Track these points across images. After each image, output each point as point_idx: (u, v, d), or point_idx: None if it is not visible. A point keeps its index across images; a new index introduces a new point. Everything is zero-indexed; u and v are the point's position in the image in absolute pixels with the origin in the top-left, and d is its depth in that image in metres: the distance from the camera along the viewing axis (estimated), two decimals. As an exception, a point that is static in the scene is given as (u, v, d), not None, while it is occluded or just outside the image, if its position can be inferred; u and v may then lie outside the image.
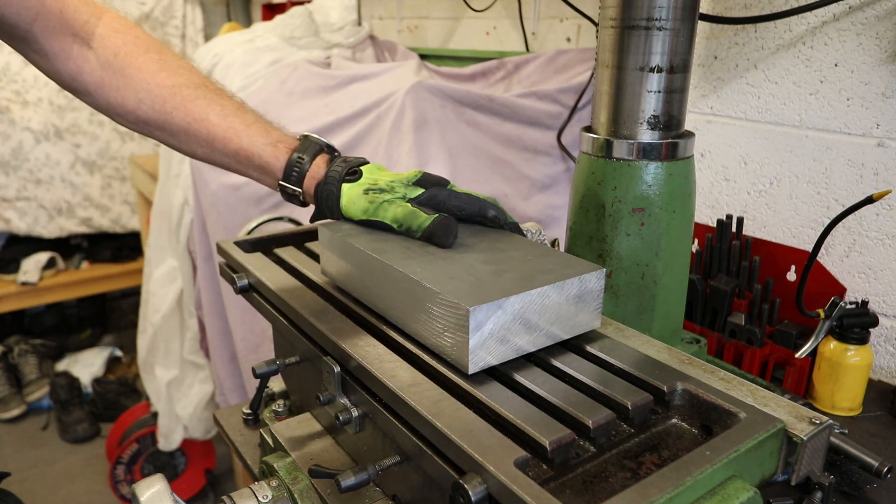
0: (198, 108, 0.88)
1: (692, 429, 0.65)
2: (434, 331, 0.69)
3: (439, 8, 2.35)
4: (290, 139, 0.89)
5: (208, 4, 3.75)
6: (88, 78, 0.89)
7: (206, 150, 0.90)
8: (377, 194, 0.82)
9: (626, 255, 0.95)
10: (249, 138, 0.87)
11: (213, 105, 0.88)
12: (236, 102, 0.91)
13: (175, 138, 0.90)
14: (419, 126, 1.58)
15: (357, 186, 0.83)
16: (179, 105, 0.87)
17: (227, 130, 0.87)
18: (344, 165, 0.85)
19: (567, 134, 1.69)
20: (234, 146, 0.88)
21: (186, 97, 0.88)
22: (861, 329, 1.08)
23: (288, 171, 0.86)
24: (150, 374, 2.38)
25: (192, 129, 0.88)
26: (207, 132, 0.88)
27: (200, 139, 0.89)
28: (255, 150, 0.87)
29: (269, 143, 0.87)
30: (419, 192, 0.83)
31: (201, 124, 0.87)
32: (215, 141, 0.88)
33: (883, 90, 1.17)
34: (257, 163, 0.88)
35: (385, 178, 0.84)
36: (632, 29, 0.87)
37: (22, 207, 3.38)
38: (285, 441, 0.85)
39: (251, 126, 0.88)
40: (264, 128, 0.89)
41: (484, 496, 0.52)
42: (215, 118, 0.87)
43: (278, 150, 0.87)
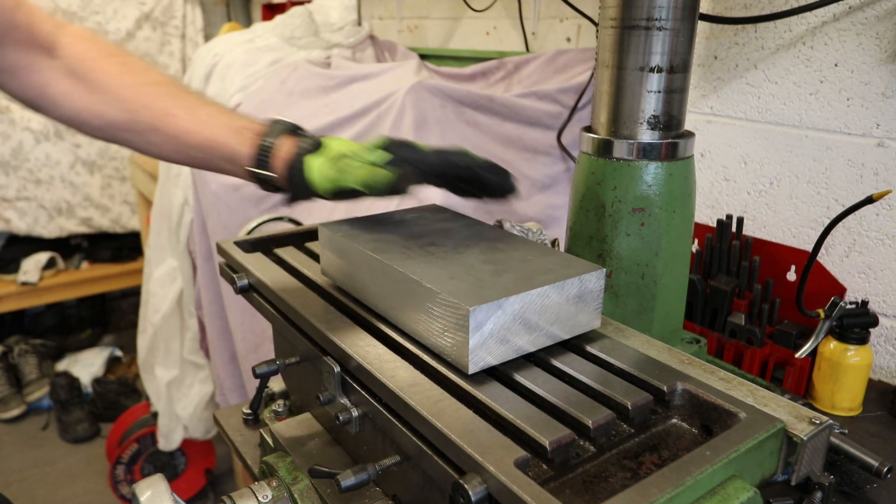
0: (163, 103, 0.88)
1: (692, 429, 0.65)
2: (434, 331, 0.69)
3: (439, 8, 2.35)
4: (255, 125, 0.89)
5: (208, 4, 3.75)
6: (56, 88, 0.89)
7: (174, 146, 0.89)
8: (343, 160, 0.81)
9: (626, 255, 0.95)
10: (215, 128, 0.87)
11: (177, 100, 0.88)
12: (200, 97, 0.91)
13: (143, 137, 0.90)
14: (419, 126, 1.58)
15: (322, 156, 0.83)
16: (145, 103, 0.88)
17: (193, 123, 0.87)
18: (310, 141, 0.85)
19: (567, 134, 1.69)
20: (200, 138, 0.87)
21: (151, 94, 0.88)
22: (861, 329, 1.08)
23: (257, 157, 0.86)
24: (150, 374, 2.38)
25: (159, 124, 0.88)
26: (174, 127, 0.88)
27: (168, 135, 0.88)
28: (221, 140, 0.87)
29: (234, 130, 0.87)
30: (387, 157, 0.81)
31: (167, 119, 0.88)
32: (182, 135, 0.88)
33: (883, 90, 1.17)
34: (225, 152, 0.88)
35: (350, 145, 0.84)
36: (632, 29, 0.87)
37: (22, 207, 3.38)
38: (285, 441, 0.85)
39: (216, 116, 0.88)
40: (229, 117, 0.89)
41: (484, 496, 0.52)
42: (181, 112, 0.88)
43: (244, 137, 0.87)
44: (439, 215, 0.92)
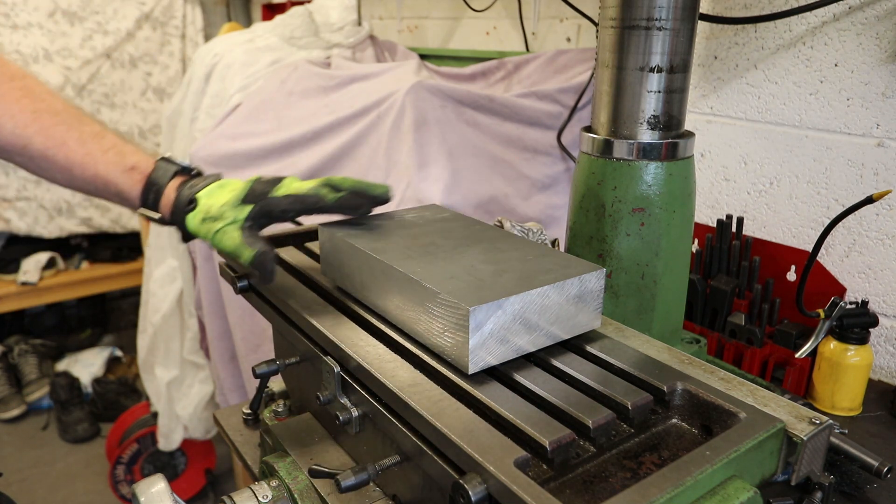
0: (58, 133, 0.89)
1: (692, 429, 0.65)
2: (434, 331, 0.69)
3: (439, 8, 2.35)
4: (146, 164, 0.90)
5: (208, 4, 3.75)
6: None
7: (65, 175, 0.91)
8: (211, 223, 0.84)
9: (626, 255, 0.95)
10: (105, 165, 0.89)
11: (72, 131, 0.89)
12: (97, 128, 0.92)
13: (34, 163, 0.91)
14: (419, 126, 1.58)
15: (196, 216, 0.86)
16: (40, 130, 0.89)
17: (85, 156, 0.89)
18: (188, 193, 0.87)
19: (567, 134, 1.69)
20: (90, 172, 0.89)
21: (47, 122, 0.89)
22: (861, 329, 1.08)
23: (144, 197, 0.89)
24: (150, 374, 2.38)
25: (50, 154, 0.89)
26: (66, 158, 0.89)
27: (59, 165, 0.90)
28: (111, 178, 0.89)
29: (124, 170, 0.89)
30: (248, 209, 0.84)
31: (60, 149, 0.89)
32: (73, 167, 0.89)
33: (883, 90, 1.17)
34: (114, 190, 0.90)
35: (218, 202, 0.85)
36: (632, 29, 0.87)
37: (22, 207, 3.38)
38: (285, 441, 0.85)
39: (108, 152, 0.89)
40: (120, 154, 0.90)
41: (484, 496, 0.52)
42: (73, 144, 0.89)
43: (133, 178, 0.89)
44: (439, 215, 0.92)
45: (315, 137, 1.72)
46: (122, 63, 3.44)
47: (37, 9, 3.17)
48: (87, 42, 3.31)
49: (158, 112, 3.57)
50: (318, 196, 0.84)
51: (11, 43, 3.15)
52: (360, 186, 0.86)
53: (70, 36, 3.25)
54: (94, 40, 3.32)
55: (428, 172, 1.53)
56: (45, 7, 3.18)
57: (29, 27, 3.17)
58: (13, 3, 3.13)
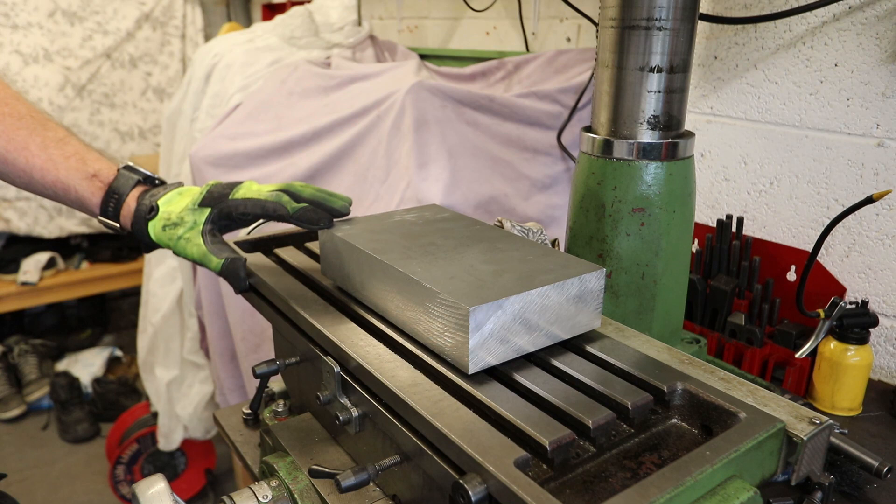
0: (19, 137, 0.89)
1: (692, 429, 0.65)
2: (434, 331, 0.69)
3: (439, 8, 2.35)
4: (107, 172, 0.90)
5: (208, 4, 3.75)
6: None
7: (25, 180, 0.91)
8: (172, 230, 0.85)
9: (626, 255, 0.95)
10: (66, 171, 0.89)
11: (34, 136, 0.89)
12: (61, 133, 0.91)
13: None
14: (419, 126, 1.58)
15: (157, 223, 0.86)
16: (1, 133, 0.88)
17: (46, 161, 0.88)
18: (149, 201, 0.87)
19: (567, 134, 1.69)
20: (51, 178, 0.89)
21: (9, 126, 0.89)
22: (861, 329, 1.08)
23: (104, 206, 0.88)
24: (150, 374, 2.38)
25: (10, 157, 0.89)
26: (26, 162, 0.89)
27: (19, 169, 0.89)
28: (72, 184, 0.89)
29: (84, 177, 0.89)
30: (206, 213, 0.85)
31: (20, 153, 0.88)
32: (34, 171, 0.89)
33: (883, 90, 1.17)
34: (74, 196, 0.89)
35: (178, 208, 0.86)
36: (632, 29, 0.87)
37: (22, 207, 3.38)
38: (285, 441, 0.85)
39: (70, 158, 0.89)
40: (82, 160, 0.90)
41: (484, 496, 0.52)
42: (35, 148, 0.88)
43: (93, 186, 0.89)
44: (439, 215, 0.92)
45: (315, 137, 1.72)
46: (122, 63, 3.44)
47: (37, 9, 3.17)
48: (87, 42, 3.31)
49: (158, 112, 3.58)
50: (278, 203, 0.84)
51: (11, 43, 3.15)
52: (320, 197, 0.85)
53: (70, 36, 3.26)
54: (94, 40, 3.32)
55: (428, 172, 1.53)
56: (45, 7, 3.18)
57: (29, 27, 3.17)
58: (13, 3, 3.13)
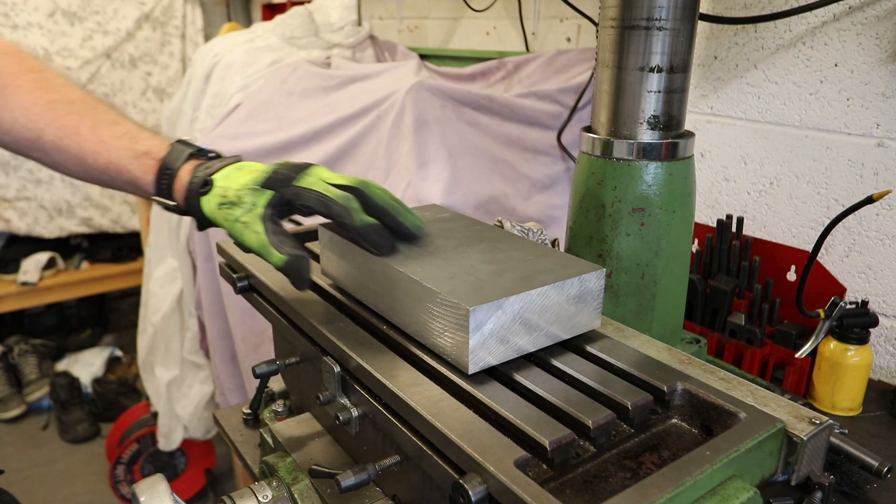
0: (70, 122, 0.85)
1: (692, 429, 0.65)
2: (434, 331, 0.69)
3: (439, 8, 2.35)
4: (159, 148, 0.85)
5: (208, 4, 3.75)
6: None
7: (80, 167, 0.87)
8: (229, 210, 0.76)
9: (626, 255, 0.95)
10: (118, 151, 0.84)
11: (85, 119, 0.85)
12: (113, 115, 0.88)
13: (49, 157, 0.88)
14: (419, 126, 1.58)
15: (212, 200, 0.78)
16: (52, 121, 0.85)
17: (97, 144, 0.85)
18: (203, 174, 0.80)
19: (567, 134, 1.69)
20: (103, 161, 0.85)
21: (60, 112, 0.85)
22: (861, 329, 1.08)
23: (158, 183, 0.83)
24: (150, 374, 2.38)
25: (63, 144, 0.85)
26: (78, 147, 0.85)
27: (72, 155, 0.86)
28: (124, 164, 0.84)
29: (135, 155, 0.84)
30: (267, 195, 0.76)
31: (72, 139, 0.85)
32: (86, 156, 0.85)
33: (883, 90, 1.17)
34: (127, 177, 0.85)
35: (236, 185, 0.77)
36: (632, 29, 0.87)
37: (22, 207, 3.38)
38: (285, 441, 0.85)
39: (121, 138, 0.85)
40: (133, 139, 0.85)
41: (484, 496, 0.52)
42: (85, 132, 0.85)
43: (145, 164, 0.84)
44: (439, 215, 0.92)
45: (315, 137, 1.72)
46: (122, 63, 3.44)
47: (37, 9, 3.17)
48: (87, 42, 3.31)
49: (158, 112, 3.57)
50: (346, 210, 0.73)
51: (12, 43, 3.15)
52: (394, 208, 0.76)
53: (70, 36, 3.26)
54: (94, 40, 3.32)
55: (428, 172, 1.53)
56: (45, 7, 3.18)
57: (29, 27, 3.17)
58: (13, 3, 3.13)
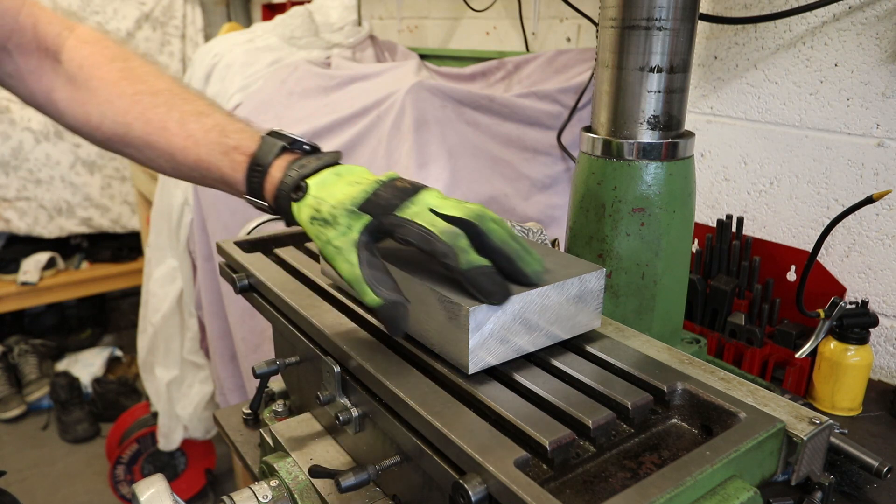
0: (157, 116, 0.79)
1: (692, 429, 0.65)
2: (434, 331, 0.69)
3: (439, 8, 2.35)
4: (248, 142, 0.77)
5: (208, 4, 3.75)
6: (59, 95, 0.83)
7: (170, 163, 0.81)
8: (321, 228, 0.69)
9: (626, 255, 0.95)
10: (207, 147, 0.78)
11: (172, 111, 0.79)
12: (200, 105, 0.81)
13: (140, 153, 0.82)
14: (419, 126, 1.57)
15: (304, 210, 0.71)
16: (139, 115, 0.79)
17: (186, 140, 0.78)
18: (296, 174, 0.73)
19: (567, 134, 1.69)
20: (192, 157, 0.78)
21: (147, 105, 0.79)
22: (861, 329, 1.08)
23: (249, 181, 0.76)
24: (150, 374, 2.38)
25: (152, 139, 0.79)
26: (167, 143, 0.79)
27: (161, 151, 0.80)
28: (213, 161, 0.78)
29: (225, 151, 0.77)
30: (365, 221, 0.67)
31: (161, 134, 0.79)
32: (175, 153, 0.79)
33: (883, 90, 1.17)
34: (217, 175, 0.79)
35: (332, 199, 0.69)
36: (632, 29, 0.87)
37: (22, 207, 3.39)
38: (285, 441, 0.85)
39: (209, 132, 0.78)
40: (222, 133, 0.78)
41: (484, 496, 0.52)
42: (174, 126, 0.78)
43: (235, 161, 0.77)
44: (439, 215, 0.92)
45: (315, 137, 1.72)
46: (122, 63, 3.43)
47: (37, 9, 3.17)
48: (87, 42, 3.31)
49: (158, 112, 3.57)
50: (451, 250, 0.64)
51: (11, 43, 3.15)
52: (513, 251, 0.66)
53: (70, 36, 3.25)
54: (94, 40, 3.32)
55: (428, 172, 1.53)
56: (44, 6, 3.18)
57: (29, 27, 3.17)
58: (13, 3, 3.13)
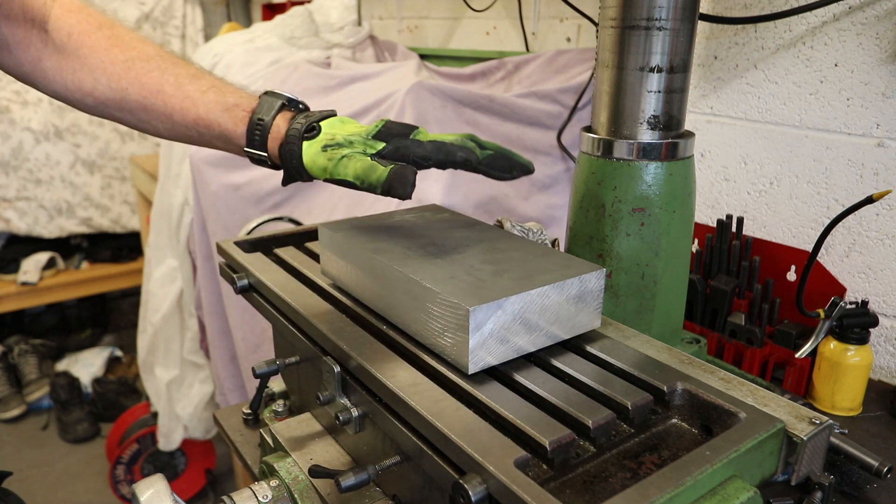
0: (152, 80, 0.84)
1: (692, 429, 0.65)
2: (434, 331, 0.69)
3: (439, 8, 2.35)
4: (248, 101, 0.84)
5: (208, 4, 3.75)
6: (47, 63, 0.86)
7: (167, 124, 0.86)
8: (335, 150, 0.77)
9: (626, 255, 0.95)
10: (206, 106, 0.83)
11: (167, 75, 0.84)
12: (193, 69, 0.87)
13: (135, 116, 0.87)
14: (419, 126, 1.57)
15: (316, 143, 0.79)
16: (134, 80, 0.84)
17: (184, 100, 0.83)
18: (304, 121, 0.80)
19: (567, 134, 1.69)
20: (192, 116, 0.84)
21: (140, 70, 0.84)
22: (861, 329, 1.08)
23: (250, 135, 0.82)
24: (150, 374, 2.38)
25: (148, 103, 0.84)
26: (164, 104, 0.84)
27: (158, 113, 0.85)
28: (213, 118, 0.83)
29: (225, 108, 0.83)
30: (381, 145, 0.77)
31: (157, 97, 0.84)
32: (173, 113, 0.84)
33: (883, 90, 1.17)
34: (217, 132, 0.84)
35: (345, 131, 0.79)
36: (632, 29, 0.87)
37: (22, 207, 3.39)
38: (285, 441, 0.85)
39: (207, 92, 0.84)
40: (220, 92, 0.84)
41: (484, 496, 0.52)
42: (170, 89, 0.84)
43: (236, 116, 0.83)
44: (439, 215, 0.92)
45: (315, 137, 1.72)
46: (122, 63, 3.43)
47: (37, 9, 3.17)
48: (87, 42, 3.31)
49: (158, 112, 3.57)
50: (465, 148, 0.76)
51: (11, 43, 3.15)
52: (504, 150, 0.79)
53: (70, 36, 3.25)
54: (94, 40, 3.32)
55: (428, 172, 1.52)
56: None
57: (29, 27, 3.17)
58: (13, 3, 3.13)
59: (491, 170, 0.78)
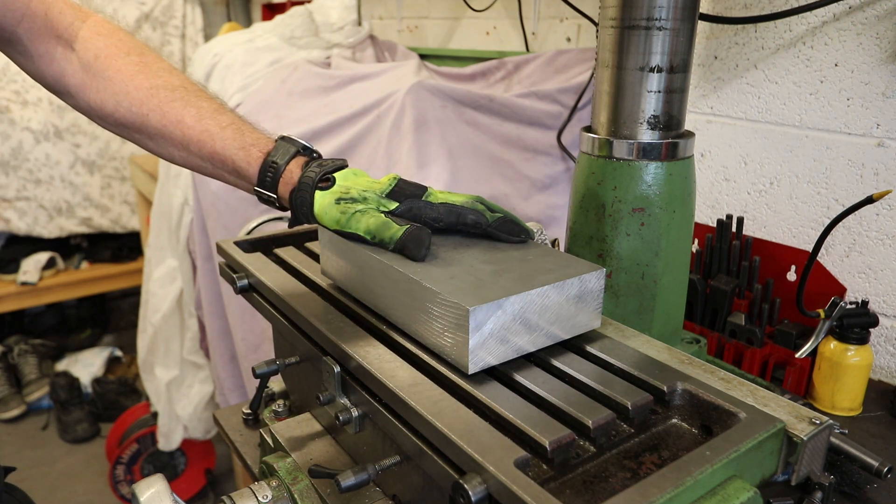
0: (174, 109, 0.86)
1: (692, 429, 0.65)
2: (434, 331, 0.69)
3: (439, 8, 2.35)
4: (265, 142, 0.87)
5: (208, 4, 3.75)
6: (70, 80, 0.89)
7: (182, 153, 0.89)
8: (349, 204, 0.79)
9: (626, 255, 0.95)
10: (223, 141, 0.86)
11: (188, 107, 0.87)
12: (215, 104, 0.89)
13: (153, 141, 0.89)
14: (419, 126, 1.58)
15: (329, 195, 0.81)
16: (156, 107, 0.86)
17: (202, 133, 0.86)
18: (318, 171, 0.82)
19: (567, 134, 1.69)
20: (208, 150, 0.86)
21: (163, 99, 0.87)
22: (861, 329, 1.08)
23: (262, 176, 0.84)
24: (150, 374, 2.38)
25: (167, 131, 0.87)
26: (182, 135, 0.86)
27: (176, 142, 0.87)
28: (229, 154, 0.86)
29: (241, 146, 0.86)
30: (394, 205, 0.80)
31: (176, 126, 0.86)
32: (190, 144, 0.87)
33: (883, 90, 1.17)
34: (231, 167, 0.87)
35: (359, 186, 0.81)
36: (632, 29, 0.87)
37: (22, 207, 3.38)
38: (285, 441, 0.85)
39: (226, 129, 0.86)
40: (239, 130, 0.87)
41: (484, 496, 0.52)
42: (190, 120, 0.86)
43: (251, 155, 0.85)
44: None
45: (315, 137, 1.72)
46: (122, 63, 3.43)
47: (37, 9, 3.17)
48: (87, 42, 3.31)
49: (158, 112, 3.57)
50: (475, 211, 0.81)
51: (11, 43, 3.15)
52: (511, 215, 0.83)
53: (70, 36, 3.25)
54: (94, 40, 3.32)
55: (428, 172, 1.53)
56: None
57: (29, 27, 3.17)
58: (13, 3, 3.13)
59: (500, 233, 0.81)
